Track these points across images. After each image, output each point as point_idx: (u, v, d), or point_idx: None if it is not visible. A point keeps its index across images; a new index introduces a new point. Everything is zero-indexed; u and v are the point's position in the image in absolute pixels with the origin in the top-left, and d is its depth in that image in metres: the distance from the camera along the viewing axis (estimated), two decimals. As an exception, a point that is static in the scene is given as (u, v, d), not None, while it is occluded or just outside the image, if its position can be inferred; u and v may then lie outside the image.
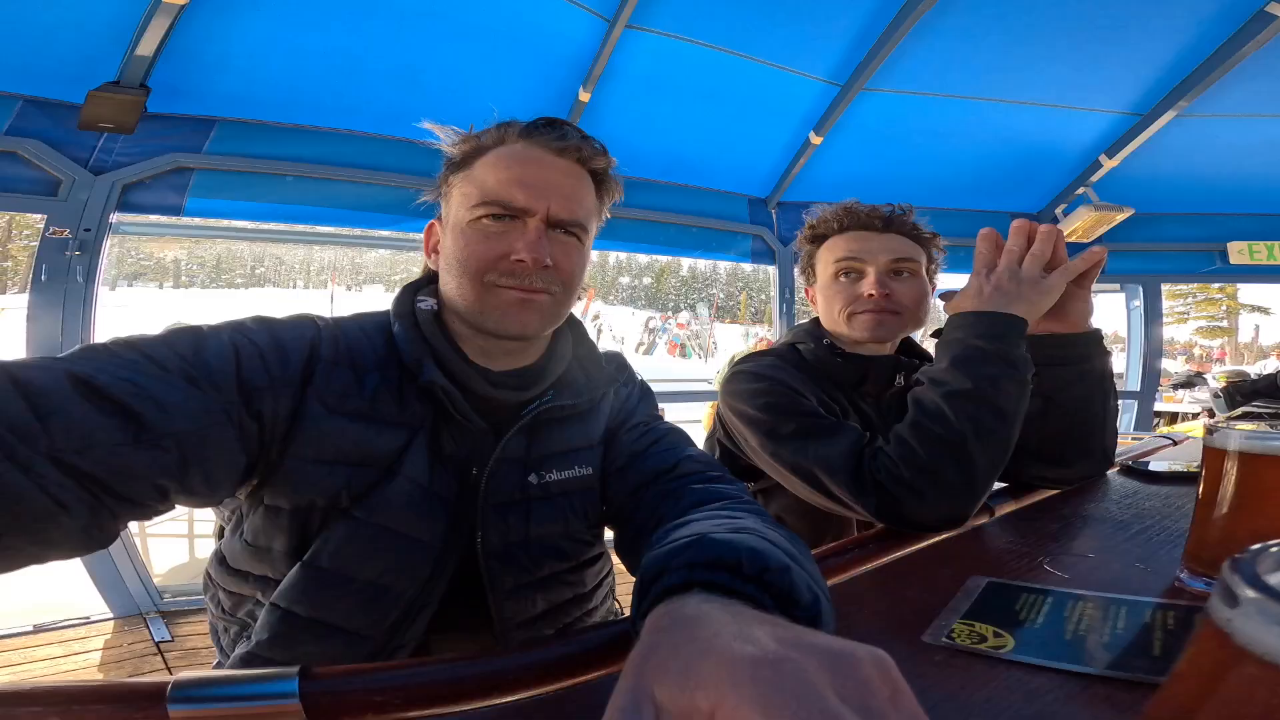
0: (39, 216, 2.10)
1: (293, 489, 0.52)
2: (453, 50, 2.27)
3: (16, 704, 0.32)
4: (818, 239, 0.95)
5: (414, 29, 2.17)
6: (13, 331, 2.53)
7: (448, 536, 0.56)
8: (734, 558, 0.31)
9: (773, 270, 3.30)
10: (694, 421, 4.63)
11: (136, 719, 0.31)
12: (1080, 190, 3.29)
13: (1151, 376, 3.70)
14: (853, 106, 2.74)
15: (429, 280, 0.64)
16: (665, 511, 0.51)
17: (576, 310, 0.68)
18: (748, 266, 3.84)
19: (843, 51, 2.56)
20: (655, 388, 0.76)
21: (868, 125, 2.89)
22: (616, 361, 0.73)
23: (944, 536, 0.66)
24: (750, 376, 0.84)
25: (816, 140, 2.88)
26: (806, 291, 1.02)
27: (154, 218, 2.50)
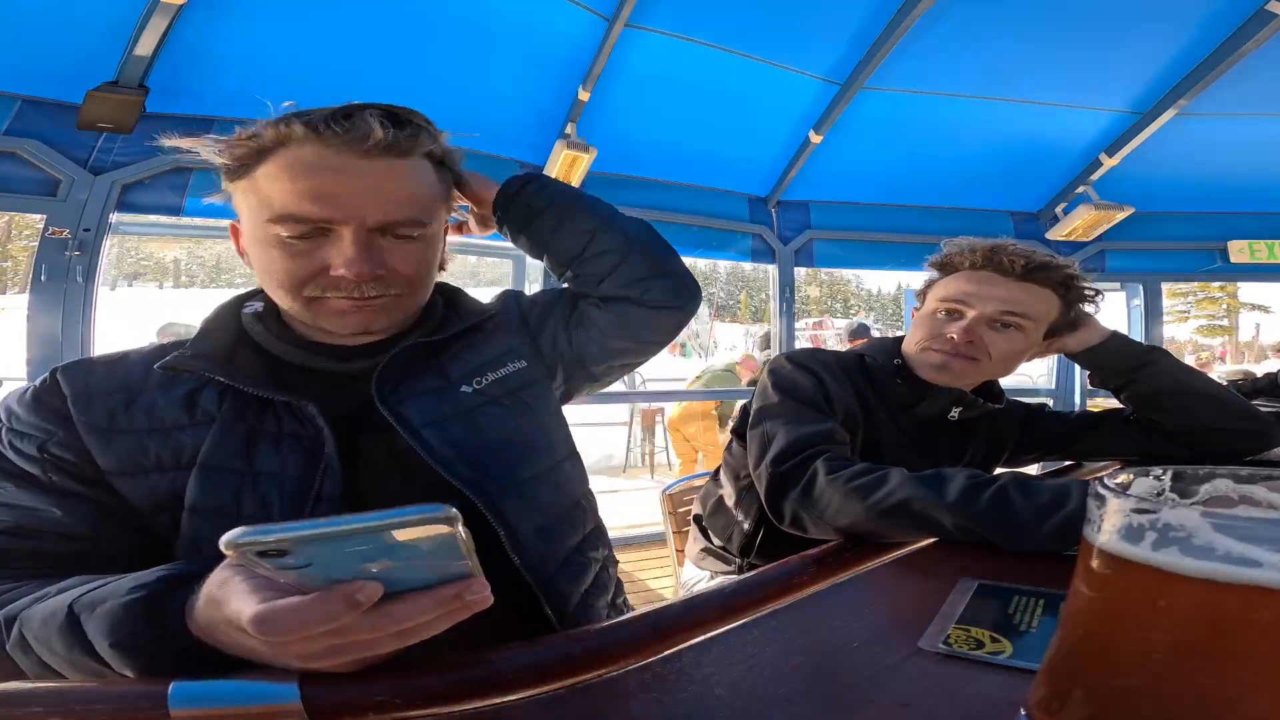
0: (38, 216, 2.11)
1: (132, 505, 0.51)
2: (451, 50, 2.27)
3: (18, 705, 0.32)
4: (945, 267, 0.91)
5: (413, 29, 2.17)
6: (13, 331, 2.53)
7: (295, 507, 0.52)
8: None
9: (772, 269, 3.30)
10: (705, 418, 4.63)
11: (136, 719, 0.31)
12: (1080, 189, 3.28)
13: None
14: (852, 105, 2.74)
15: (260, 290, 0.61)
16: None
17: None
18: (747, 266, 3.84)
19: (842, 50, 2.55)
20: (658, 387, 0.78)
21: (867, 124, 2.89)
22: (511, 292, 0.76)
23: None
24: (791, 365, 0.86)
25: (816, 139, 2.88)
26: (915, 312, 0.99)
27: (153, 217, 2.50)
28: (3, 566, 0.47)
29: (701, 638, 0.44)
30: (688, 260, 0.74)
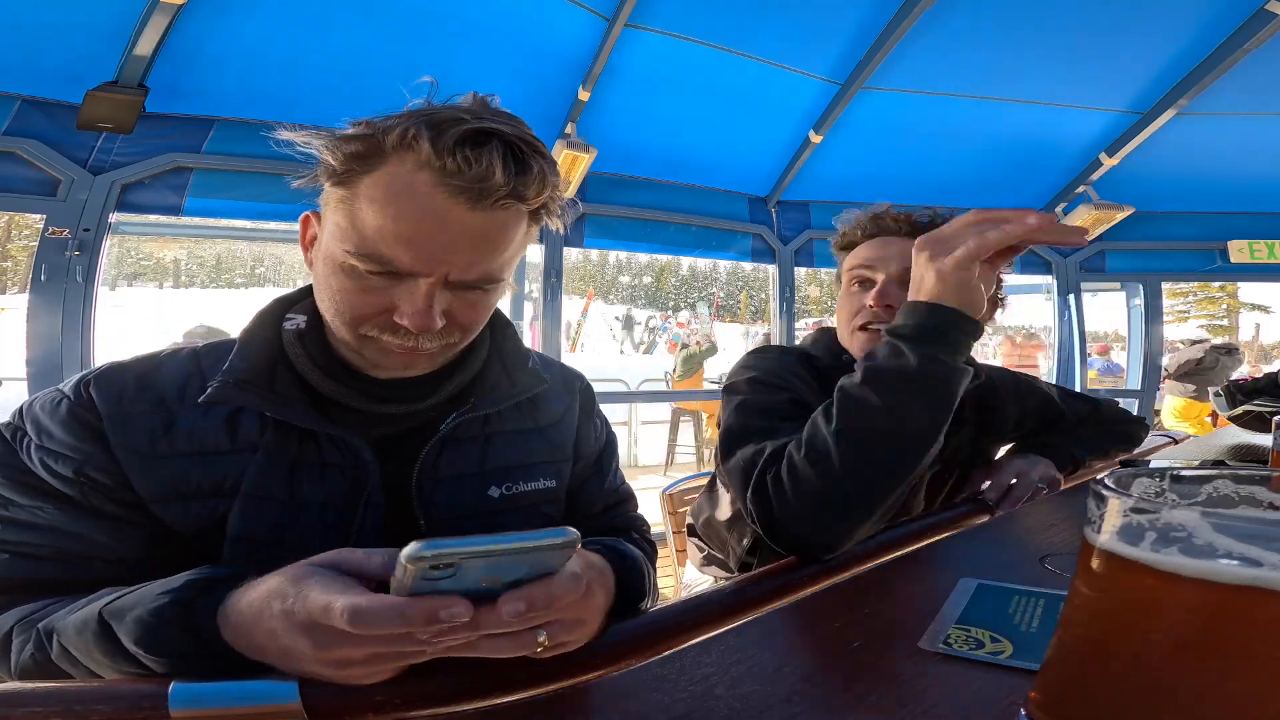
0: (38, 216, 2.11)
1: (173, 531, 0.49)
2: (450, 49, 2.27)
3: (18, 705, 0.32)
4: (845, 246, 0.89)
5: (412, 28, 2.17)
6: (13, 332, 2.53)
7: (338, 540, 0.49)
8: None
9: (772, 269, 3.30)
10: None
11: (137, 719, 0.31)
12: (1080, 189, 3.28)
13: (1152, 375, 3.71)
14: (852, 105, 2.74)
15: (306, 292, 0.57)
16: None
17: (575, 309, 0.67)
18: (748, 265, 3.85)
19: (842, 50, 2.56)
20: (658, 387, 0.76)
21: (867, 124, 2.89)
22: (581, 383, 0.70)
23: (942, 536, 0.66)
24: (744, 368, 0.82)
25: (816, 139, 2.89)
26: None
27: (153, 217, 2.50)
28: (52, 596, 0.45)
29: (701, 638, 0.44)
30: (688, 260, 0.71)
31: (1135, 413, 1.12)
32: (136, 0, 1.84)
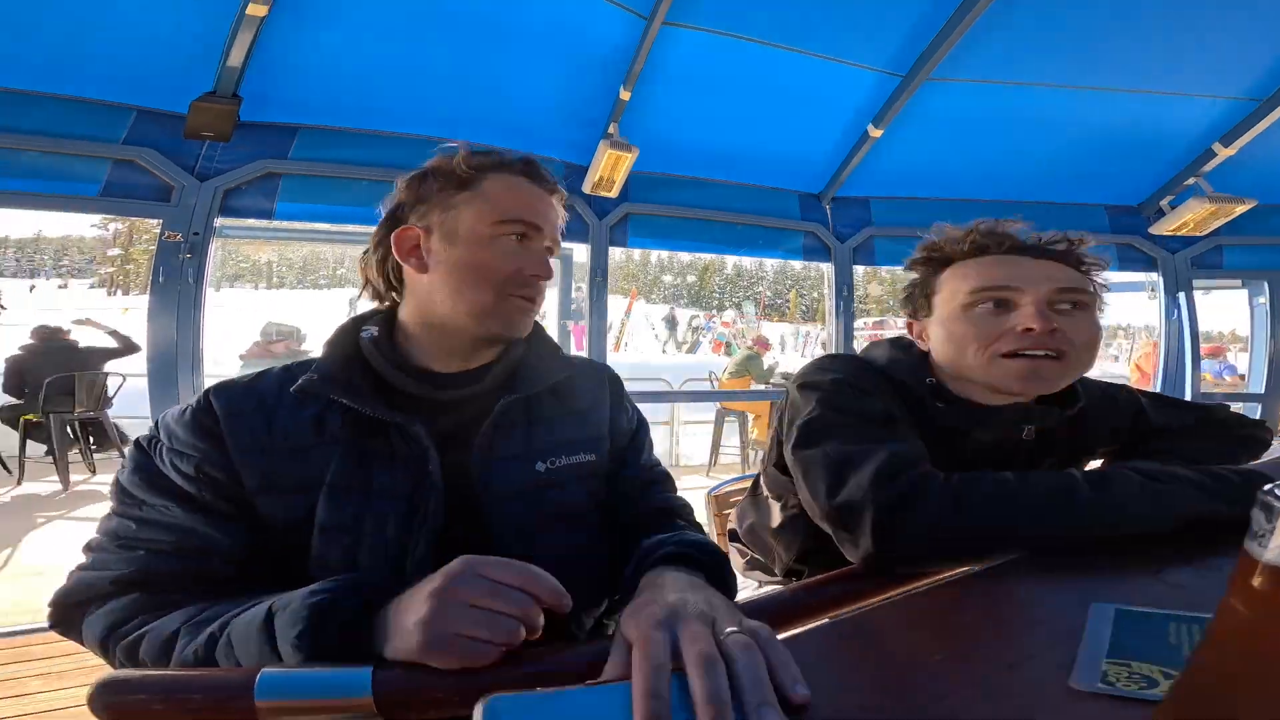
0: (155, 221, 2.31)
1: (268, 526, 0.57)
2: (499, 55, 2.32)
3: (125, 691, 0.35)
4: (938, 263, 0.77)
5: (464, 36, 2.23)
6: (136, 331, 2.79)
7: (409, 519, 0.58)
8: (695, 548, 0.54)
9: (828, 267, 3.18)
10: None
11: (227, 705, 0.33)
12: (1190, 181, 2.98)
13: (1278, 378, 3.30)
14: (916, 97, 2.59)
15: (375, 312, 0.71)
16: (652, 531, 0.64)
17: (619, 308, 0.75)
18: (798, 264, 3.75)
19: (901, 41, 2.42)
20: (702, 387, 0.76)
21: (935, 116, 2.72)
22: (609, 372, 0.78)
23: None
24: (823, 370, 0.76)
25: (876, 133, 2.74)
26: (909, 326, 0.83)
27: (248, 221, 2.71)
28: (174, 590, 0.52)
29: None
30: (732, 259, 0.72)
31: (1258, 417, 0.99)
32: (226, 13, 1.98)
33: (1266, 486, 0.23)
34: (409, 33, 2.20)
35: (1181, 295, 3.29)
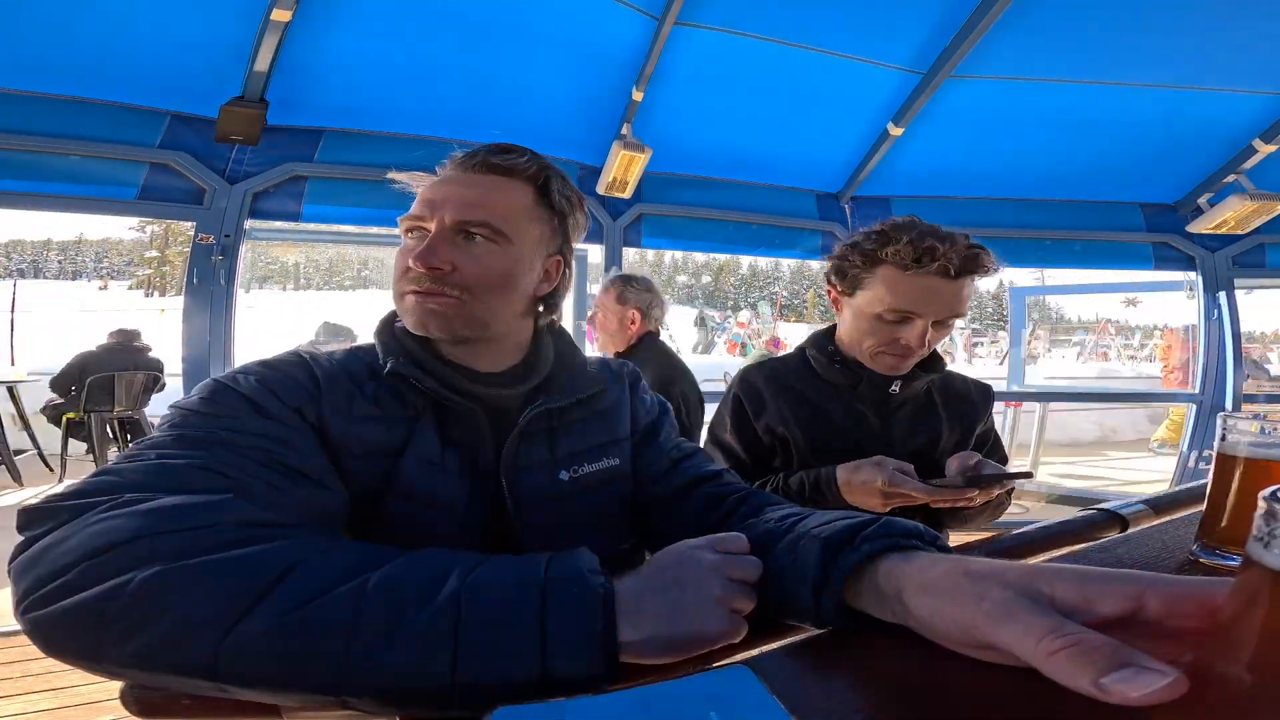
0: (189, 224, 2.38)
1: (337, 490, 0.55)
2: (512, 57, 2.35)
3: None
4: (879, 262, 0.87)
5: (479, 39, 2.27)
6: (173, 332, 2.87)
7: (470, 504, 0.59)
8: (913, 530, 0.42)
9: (848, 267, 3.14)
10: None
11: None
12: (1230, 178, 2.88)
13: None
14: (938, 95, 2.55)
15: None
16: (725, 510, 0.60)
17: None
18: (815, 264, 3.70)
19: (922, 38, 2.38)
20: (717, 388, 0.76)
21: (957, 114, 2.68)
22: (627, 368, 0.77)
23: (1062, 551, 0.58)
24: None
25: (896, 132, 2.70)
26: (829, 293, 0.97)
27: (276, 223, 2.78)
28: (280, 509, 0.44)
29: (787, 640, 0.41)
30: (748, 259, 0.70)
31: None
32: (253, 19, 2.04)
33: (1267, 491, 0.22)
34: (426, 37, 2.25)
35: (1222, 295, 3.17)
